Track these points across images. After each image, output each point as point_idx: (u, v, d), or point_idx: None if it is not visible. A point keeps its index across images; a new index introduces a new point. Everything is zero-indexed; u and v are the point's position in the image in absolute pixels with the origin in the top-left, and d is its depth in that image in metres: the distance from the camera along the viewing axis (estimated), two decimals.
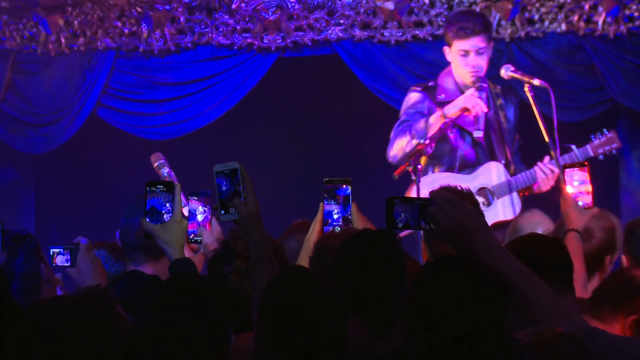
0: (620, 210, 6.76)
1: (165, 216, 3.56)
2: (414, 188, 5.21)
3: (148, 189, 3.58)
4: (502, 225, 5.56)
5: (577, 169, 4.15)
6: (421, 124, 5.60)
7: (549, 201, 5.70)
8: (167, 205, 3.56)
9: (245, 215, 3.28)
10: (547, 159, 5.65)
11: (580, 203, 4.12)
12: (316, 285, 2.72)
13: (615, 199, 7.00)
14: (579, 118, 6.74)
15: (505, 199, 5.69)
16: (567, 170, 4.16)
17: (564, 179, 4.16)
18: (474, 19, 5.74)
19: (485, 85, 5.67)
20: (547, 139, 5.42)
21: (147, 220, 3.55)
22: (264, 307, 2.72)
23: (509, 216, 5.67)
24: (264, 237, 3.33)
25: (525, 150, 6.05)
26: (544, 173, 5.60)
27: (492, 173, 5.73)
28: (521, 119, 5.97)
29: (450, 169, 5.72)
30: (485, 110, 5.59)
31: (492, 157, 5.80)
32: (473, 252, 2.82)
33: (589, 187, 4.13)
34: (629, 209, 6.72)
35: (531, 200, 5.76)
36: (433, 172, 5.78)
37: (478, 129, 5.62)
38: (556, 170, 5.57)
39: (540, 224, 4.79)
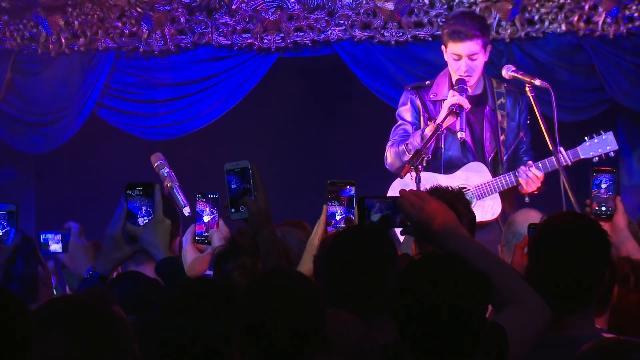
0: None
1: (139, 220, 3.52)
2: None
3: (128, 192, 3.53)
4: (484, 226, 5.56)
5: (607, 173, 4.13)
6: (417, 139, 5.59)
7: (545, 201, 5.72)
8: (143, 208, 3.53)
9: (256, 213, 3.29)
10: (530, 162, 5.66)
11: (603, 209, 4.10)
12: (288, 287, 2.71)
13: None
14: (579, 118, 6.75)
15: (487, 200, 5.69)
16: (596, 174, 4.13)
17: (591, 190, 4.13)
18: (470, 23, 5.68)
19: (465, 86, 5.65)
20: (548, 142, 5.41)
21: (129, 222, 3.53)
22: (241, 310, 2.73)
23: (489, 217, 5.68)
24: (274, 235, 3.34)
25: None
26: (527, 176, 5.61)
27: (475, 173, 5.73)
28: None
29: (436, 169, 5.72)
30: (467, 105, 5.57)
31: (482, 154, 5.80)
32: (443, 242, 2.91)
33: (615, 193, 4.12)
34: (629, 209, 6.71)
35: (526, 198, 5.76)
36: None
37: (461, 130, 5.61)
38: (541, 174, 5.59)
39: (535, 220, 4.78)
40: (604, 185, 4.10)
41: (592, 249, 3.14)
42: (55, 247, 4.06)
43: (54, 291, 4.52)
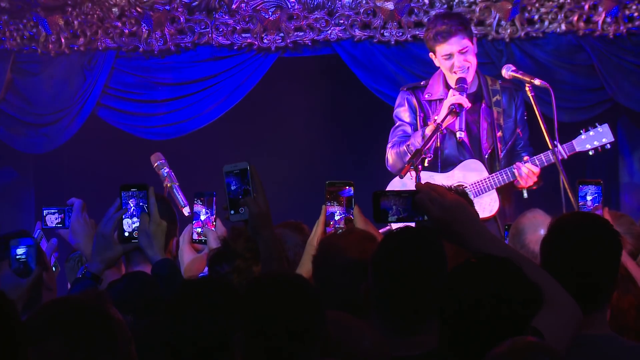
0: (621, 210, 6.75)
1: (133, 218, 3.54)
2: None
3: (123, 193, 3.56)
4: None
5: (593, 185, 4.12)
6: (418, 139, 5.60)
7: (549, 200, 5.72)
8: (134, 205, 3.55)
9: (257, 214, 3.29)
10: (526, 157, 5.66)
11: None
12: (287, 289, 2.71)
13: (615, 199, 7.00)
14: (579, 118, 6.74)
15: (484, 197, 5.69)
16: (581, 185, 4.12)
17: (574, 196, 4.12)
18: (449, 21, 5.69)
19: (465, 85, 5.64)
20: (548, 141, 5.41)
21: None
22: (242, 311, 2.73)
23: (487, 214, 5.68)
24: (274, 236, 3.33)
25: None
26: (523, 172, 5.61)
27: (471, 171, 5.73)
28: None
29: (433, 167, 5.72)
30: (468, 104, 5.57)
31: (479, 152, 5.80)
32: (465, 240, 2.86)
33: (601, 204, 4.10)
34: (629, 210, 6.72)
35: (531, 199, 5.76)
36: None
37: (460, 130, 5.62)
38: (537, 169, 5.60)
39: (542, 224, 4.77)
40: (589, 197, 4.08)
41: (606, 249, 3.12)
42: (57, 222, 4.07)
43: (53, 268, 4.52)
